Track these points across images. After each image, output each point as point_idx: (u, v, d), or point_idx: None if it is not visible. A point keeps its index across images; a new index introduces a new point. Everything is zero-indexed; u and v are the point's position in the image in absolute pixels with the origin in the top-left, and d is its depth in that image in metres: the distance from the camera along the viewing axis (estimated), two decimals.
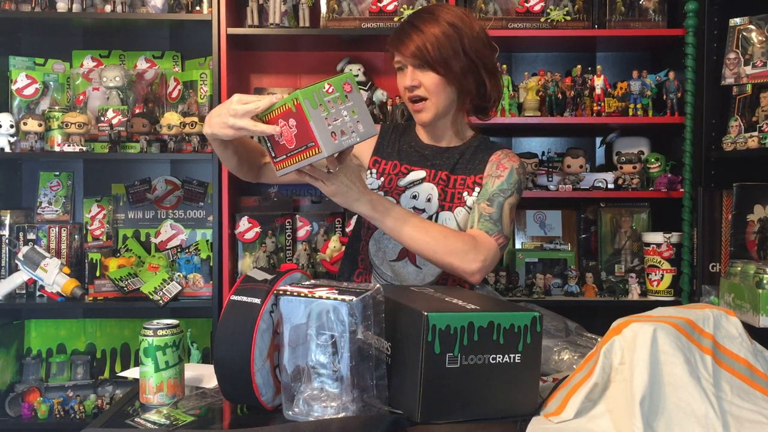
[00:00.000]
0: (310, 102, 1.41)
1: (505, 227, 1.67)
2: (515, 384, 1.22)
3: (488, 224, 1.65)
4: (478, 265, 1.58)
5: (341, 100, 1.42)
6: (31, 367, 2.87)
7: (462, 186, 1.76)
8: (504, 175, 1.73)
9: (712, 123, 2.64)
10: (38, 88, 2.86)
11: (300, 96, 1.40)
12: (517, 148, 3.10)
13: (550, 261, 2.83)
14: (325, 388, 1.19)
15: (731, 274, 2.12)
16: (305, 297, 1.19)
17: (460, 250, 1.58)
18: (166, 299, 2.62)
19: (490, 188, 1.72)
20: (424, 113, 1.74)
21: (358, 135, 1.42)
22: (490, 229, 1.65)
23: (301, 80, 3.04)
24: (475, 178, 1.77)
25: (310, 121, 1.39)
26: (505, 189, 1.71)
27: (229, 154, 1.66)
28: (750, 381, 1.23)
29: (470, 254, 1.58)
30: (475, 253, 1.58)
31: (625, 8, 2.77)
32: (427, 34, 1.68)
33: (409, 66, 1.71)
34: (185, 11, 2.76)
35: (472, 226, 1.67)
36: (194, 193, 2.96)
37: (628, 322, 1.22)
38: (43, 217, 2.92)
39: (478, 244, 1.60)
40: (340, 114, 1.42)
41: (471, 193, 1.75)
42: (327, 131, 1.40)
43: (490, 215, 1.67)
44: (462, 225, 1.73)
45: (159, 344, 1.33)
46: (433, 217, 1.75)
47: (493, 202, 1.69)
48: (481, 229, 1.65)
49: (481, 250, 1.59)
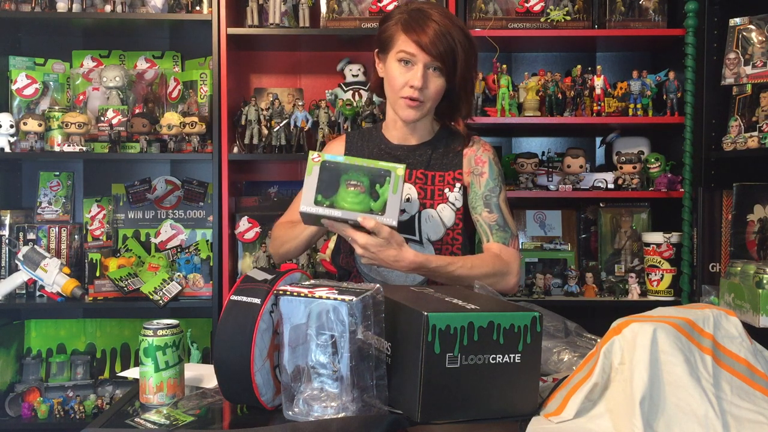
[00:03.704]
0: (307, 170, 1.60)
1: (512, 228, 1.78)
2: (515, 384, 1.22)
3: (500, 234, 1.76)
4: (515, 280, 1.75)
5: (308, 173, 1.56)
6: (31, 367, 2.87)
7: (441, 182, 1.79)
8: (486, 171, 1.79)
9: (712, 123, 2.64)
10: (38, 88, 2.86)
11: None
12: (517, 148, 3.11)
13: (550, 261, 2.83)
14: (325, 388, 1.19)
15: (731, 274, 2.12)
16: (305, 297, 1.19)
17: (498, 273, 1.71)
18: (166, 299, 2.62)
19: (479, 190, 1.78)
20: (415, 111, 1.73)
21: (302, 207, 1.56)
22: (505, 239, 1.76)
23: (301, 80, 3.05)
24: (454, 174, 1.80)
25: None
26: (494, 187, 1.78)
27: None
28: (750, 381, 1.23)
29: (506, 276, 1.73)
30: (508, 272, 1.73)
31: (625, 8, 2.77)
32: (454, 40, 1.68)
33: (421, 64, 1.68)
34: (185, 11, 2.76)
35: (488, 240, 1.76)
36: (194, 193, 2.96)
37: (628, 322, 1.22)
38: (43, 217, 2.92)
39: (505, 262, 1.73)
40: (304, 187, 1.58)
41: (452, 189, 1.78)
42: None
43: (496, 222, 1.76)
44: (447, 222, 1.77)
45: (159, 344, 1.32)
46: (416, 216, 1.77)
47: (491, 208, 1.76)
48: (498, 241, 1.75)
49: (511, 266, 1.74)
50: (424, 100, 1.72)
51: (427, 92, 1.71)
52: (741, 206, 2.40)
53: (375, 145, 1.86)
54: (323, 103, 2.76)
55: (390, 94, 1.77)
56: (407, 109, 1.73)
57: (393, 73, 1.72)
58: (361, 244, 1.53)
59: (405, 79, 1.70)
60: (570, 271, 2.76)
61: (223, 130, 2.67)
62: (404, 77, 1.70)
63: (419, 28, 1.67)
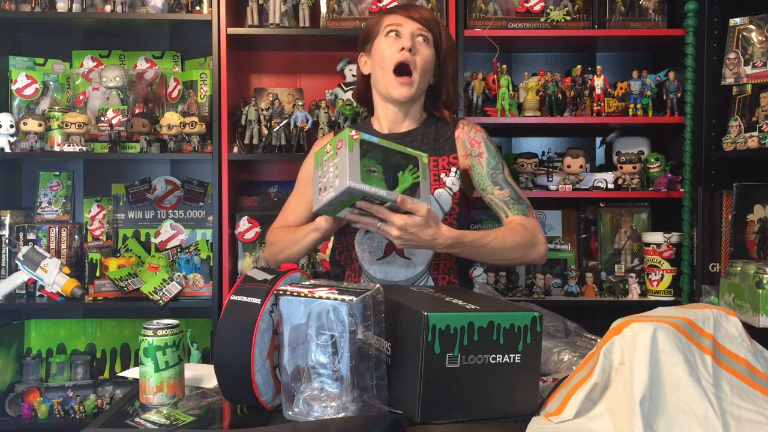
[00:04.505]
0: (316, 163, 1.56)
1: (525, 199, 1.81)
2: (515, 384, 1.22)
3: (517, 207, 1.78)
4: (544, 249, 1.74)
5: (333, 156, 1.49)
6: (31, 367, 2.87)
7: (436, 167, 1.80)
8: (483, 150, 1.82)
9: (712, 123, 2.64)
10: (38, 88, 2.86)
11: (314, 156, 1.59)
12: (517, 148, 3.11)
13: (550, 261, 2.82)
14: (325, 388, 1.19)
15: (731, 274, 2.12)
16: (305, 297, 1.19)
17: (529, 242, 1.71)
18: (166, 299, 2.62)
19: (483, 171, 1.80)
20: (408, 87, 1.77)
21: (334, 190, 1.47)
22: (523, 210, 1.78)
23: (301, 80, 3.04)
24: (449, 158, 1.82)
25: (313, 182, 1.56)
26: (496, 164, 1.81)
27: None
28: (750, 381, 1.23)
29: (536, 245, 1.73)
30: (536, 241, 1.73)
31: (625, 8, 2.77)
32: (435, 18, 1.81)
33: (409, 32, 1.76)
34: (185, 11, 2.76)
35: (507, 215, 1.77)
36: (194, 193, 2.96)
37: (628, 322, 1.22)
38: (43, 217, 2.92)
39: (531, 232, 1.73)
40: (328, 171, 1.50)
41: (448, 174, 1.79)
42: (317, 188, 1.53)
43: (510, 197, 1.78)
44: (444, 206, 1.77)
45: (159, 344, 1.33)
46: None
47: (500, 184, 1.79)
48: (517, 213, 1.77)
49: (537, 235, 1.74)
50: (415, 69, 1.75)
51: (417, 60, 1.75)
52: (741, 206, 2.40)
53: None
54: (323, 103, 2.76)
55: (380, 76, 1.79)
56: (399, 86, 1.76)
57: (381, 48, 1.77)
58: (400, 225, 1.49)
59: (395, 48, 1.75)
60: (570, 271, 2.76)
61: (223, 130, 2.67)
62: (393, 46, 1.75)
63: (402, 7, 1.81)
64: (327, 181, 1.48)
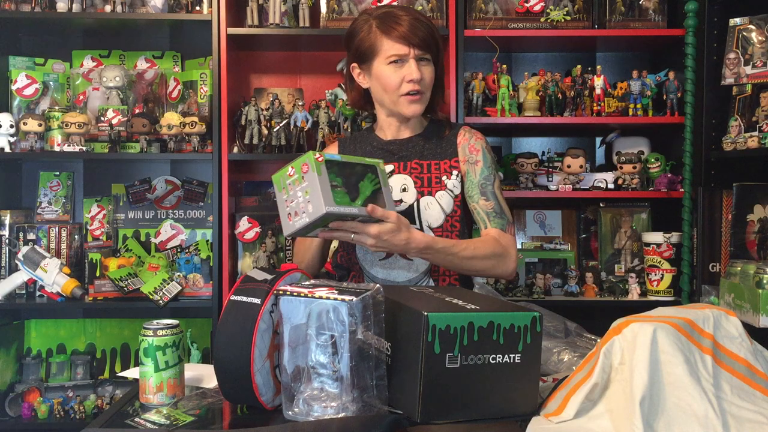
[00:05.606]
0: (277, 186, 1.54)
1: (507, 214, 1.84)
2: (515, 384, 1.22)
3: (498, 220, 1.82)
4: (514, 265, 1.79)
5: (299, 180, 1.50)
6: (31, 367, 2.87)
7: (438, 170, 1.84)
8: (480, 159, 1.85)
9: (712, 123, 2.63)
10: (38, 88, 2.86)
11: (273, 179, 1.55)
12: (517, 148, 3.11)
13: (550, 261, 2.83)
14: (325, 388, 1.19)
15: (731, 274, 2.12)
16: (305, 297, 1.19)
17: (499, 255, 1.75)
18: (166, 299, 2.62)
19: (475, 179, 1.83)
20: (418, 105, 1.82)
21: (307, 215, 1.48)
22: (502, 225, 1.81)
23: (301, 80, 3.04)
24: (450, 162, 1.85)
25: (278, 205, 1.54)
26: (488, 175, 1.84)
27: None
28: (750, 381, 1.23)
29: (506, 259, 1.77)
30: (507, 255, 1.77)
31: (625, 8, 2.77)
32: (429, 26, 1.81)
33: (413, 59, 1.77)
34: (185, 11, 2.76)
35: (486, 227, 1.81)
36: (194, 193, 2.96)
37: (628, 322, 1.22)
38: (43, 217, 2.92)
39: (504, 246, 1.77)
40: (296, 196, 1.50)
41: (450, 177, 1.83)
42: (285, 213, 1.52)
43: (493, 210, 1.81)
44: (446, 208, 1.81)
45: (159, 344, 1.33)
46: (414, 204, 1.81)
47: (487, 195, 1.81)
48: (495, 227, 1.80)
49: (509, 251, 1.78)
50: (423, 90, 1.80)
51: (424, 82, 1.80)
52: (741, 206, 2.40)
53: (367, 144, 1.93)
54: (323, 103, 2.76)
55: (386, 96, 1.83)
56: (411, 104, 1.81)
57: (386, 74, 1.79)
58: (374, 233, 1.54)
59: (401, 77, 1.78)
60: (570, 271, 2.76)
61: (223, 130, 2.67)
62: (399, 75, 1.78)
63: (399, 27, 1.77)
64: (297, 206, 1.50)
